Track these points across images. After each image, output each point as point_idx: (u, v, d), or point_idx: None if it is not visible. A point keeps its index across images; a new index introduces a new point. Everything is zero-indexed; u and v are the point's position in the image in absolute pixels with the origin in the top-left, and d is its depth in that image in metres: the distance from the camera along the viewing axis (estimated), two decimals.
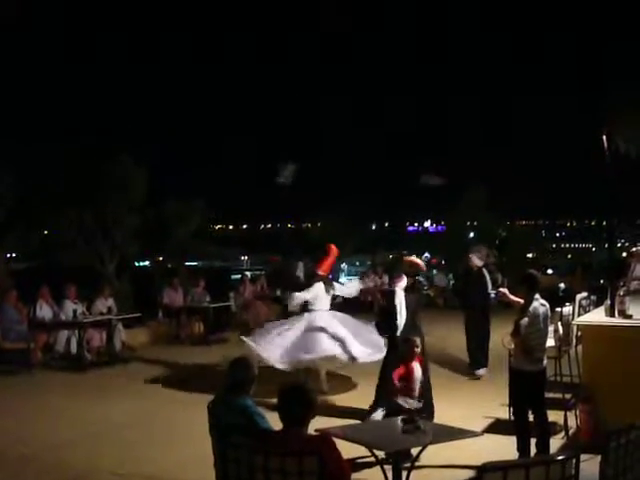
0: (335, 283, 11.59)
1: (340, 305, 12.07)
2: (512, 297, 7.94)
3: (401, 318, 8.89)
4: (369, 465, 5.62)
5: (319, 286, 11.00)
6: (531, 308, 7.18)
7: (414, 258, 10.05)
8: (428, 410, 8.35)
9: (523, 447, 7.13)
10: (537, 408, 7.28)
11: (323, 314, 10.84)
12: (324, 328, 10.51)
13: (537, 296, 7.28)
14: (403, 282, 9.19)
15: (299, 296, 11.08)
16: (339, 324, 10.75)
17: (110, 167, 18.23)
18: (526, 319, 7.15)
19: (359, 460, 6.45)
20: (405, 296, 9.02)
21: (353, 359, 10.29)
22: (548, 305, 7.41)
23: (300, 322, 10.86)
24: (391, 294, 9.10)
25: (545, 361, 7.40)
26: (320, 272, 11.16)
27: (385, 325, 9.12)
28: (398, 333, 8.81)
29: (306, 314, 10.95)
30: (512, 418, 7.64)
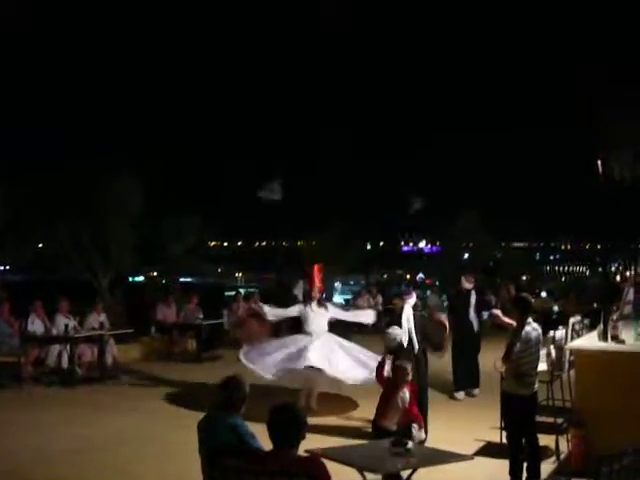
0: (344, 312, 11.62)
1: (335, 326, 12.03)
2: (505, 319, 7.93)
3: (405, 335, 8.88)
4: None
5: (299, 306, 11.05)
6: (523, 332, 7.17)
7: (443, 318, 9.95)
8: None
9: (515, 471, 7.10)
10: (528, 432, 7.26)
11: (320, 337, 10.80)
12: (316, 345, 10.50)
13: (529, 320, 7.27)
14: (413, 299, 9.25)
15: (275, 311, 11.18)
16: (334, 345, 10.73)
17: (107, 182, 18.22)
18: (518, 344, 7.14)
19: None
20: (414, 314, 9.11)
21: (338, 381, 10.29)
22: (540, 329, 7.40)
23: (293, 339, 10.86)
24: (394, 312, 9.16)
25: (537, 385, 7.39)
26: (311, 294, 11.18)
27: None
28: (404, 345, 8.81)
29: (301, 336, 10.92)
30: (504, 441, 7.62)
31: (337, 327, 12.18)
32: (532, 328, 7.24)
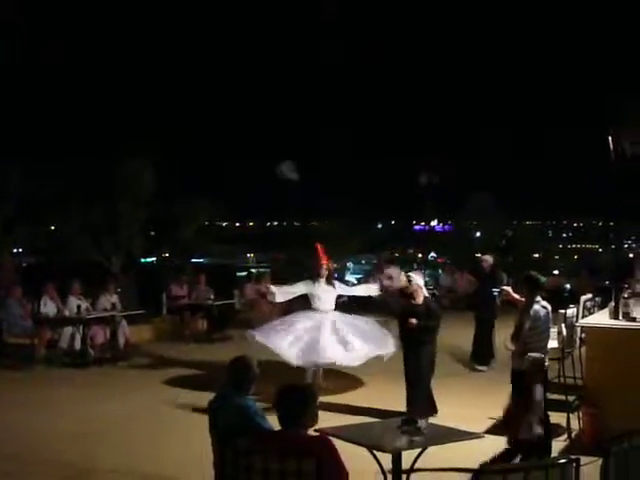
0: (349, 287, 11.60)
1: (346, 305, 12.06)
2: (515, 296, 7.91)
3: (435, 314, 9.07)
4: (368, 466, 5.59)
5: (306, 283, 11.04)
6: (532, 311, 7.14)
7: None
8: (430, 413, 8.37)
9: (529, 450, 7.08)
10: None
11: (329, 316, 10.81)
12: (332, 332, 10.51)
13: (538, 298, 7.24)
14: (420, 278, 9.31)
15: (283, 291, 11.19)
16: (345, 327, 10.73)
17: (117, 164, 18.25)
18: (527, 322, 7.11)
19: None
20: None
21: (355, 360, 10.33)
22: (550, 307, 7.37)
23: (306, 320, 10.82)
24: (406, 295, 9.20)
25: (547, 363, 7.36)
26: (318, 272, 11.17)
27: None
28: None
29: (310, 313, 10.92)
30: None
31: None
32: (541, 306, 7.21)
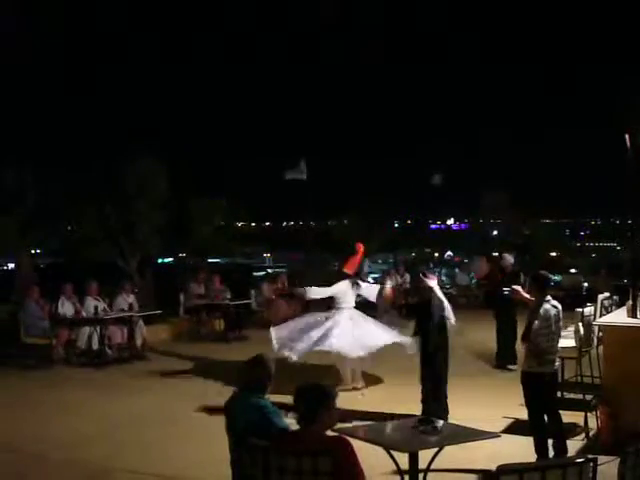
0: (361, 283, 11.57)
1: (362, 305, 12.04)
2: (525, 295, 7.80)
3: (449, 312, 8.96)
4: (386, 465, 5.59)
5: (345, 283, 11.05)
6: (542, 310, 7.09)
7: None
8: (443, 413, 8.34)
9: (540, 449, 7.06)
10: (550, 410, 7.21)
11: (348, 312, 10.87)
12: (346, 324, 10.58)
13: (548, 297, 7.19)
14: (434, 281, 9.23)
15: (317, 290, 11.18)
16: (361, 321, 10.81)
17: (133, 164, 18.33)
18: (536, 321, 7.07)
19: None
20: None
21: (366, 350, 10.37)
22: (560, 306, 7.32)
23: (324, 317, 10.91)
24: (420, 293, 9.12)
25: (557, 363, 7.31)
26: (347, 270, 11.21)
27: (423, 321, 9.03)
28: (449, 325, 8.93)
29: (333, 311, 10.99)
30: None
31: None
32: (551, 305, 7.16)
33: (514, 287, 8.20)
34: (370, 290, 11.83)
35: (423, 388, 8.96)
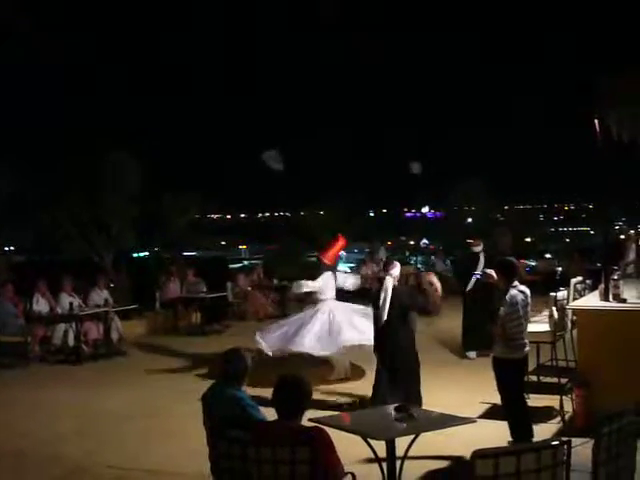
0: (338, 274, 11.53)
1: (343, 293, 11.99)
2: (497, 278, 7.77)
3: (384, 306, 8.81)
4: (363, 454, 5.62)
5: (327, 275, 11.00)
6: (508, 296, 7.09)
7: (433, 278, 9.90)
8: (417, 401, 8.38)
9: (516, 433, 7.12)
10: (516, 395, 7.24)
11: (328, 305, 10.85)
12: (324, 321, 10.56)
13: (515, 283, 7.20)
14: (396, 270, 9.12)
15: (307, 284, 11.11)
16: (340, 315, 10.76)
17: (105, 159, 18.22)
18: (503, 308, 7.07)
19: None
20: (396, 287, 8.96)
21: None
22: (528, 291, 7.33)
23: (312, 314, 10.83)
24: (380, 282, 9.03)
25: (527, 348, 7.32)
26: (327, 262, 11.14)
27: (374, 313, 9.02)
28: (382, 322, 8.76)
29: (318, 305, 10.90)
30: None
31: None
32: (518, 291, 7.17)
33: (486, 271, 8.21)
34: (345, 282, 11.83)
35: (376, 374, 8.95)
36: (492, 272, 7.93)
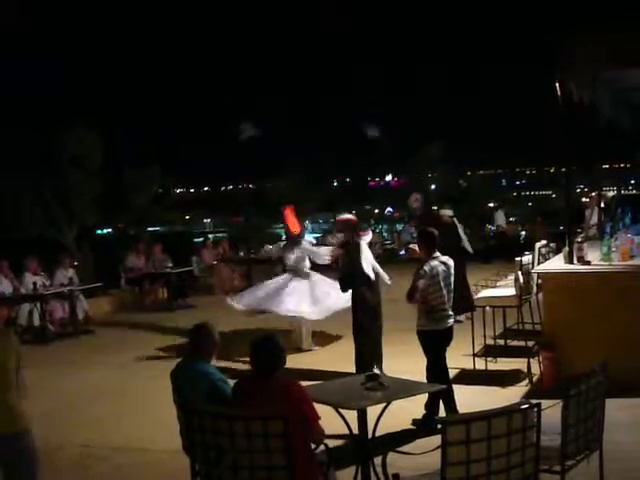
0: (310, 247, 11.53)
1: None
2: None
3: (368, 268, 8.83)
4: (334, 424, 5.63)
5: (295, 244, 11.15)
6: (427, 267, 6.97)
7: (345, 215, 9.93)
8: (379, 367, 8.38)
9: (447, 401, 7.03)
10: (439, 369, 7.17)
11: (307, 273, 11.00)
12: (304, 287, 10.71)
13: (437, 254, 7.10)
14: (368, 237, 9.22)
15: (271, 248, 11.73)
16: (321, 281, 10.91)
17: (65, 135, 17.97)
18: (422, 280, 6.96)
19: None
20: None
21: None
22: (451, 262, 7.20)
23: (288, 280, 10.95)
24: (357, 246, 8.99)
25: (451, 320, 7.21)
26: (295, 232, 11.25)
27: (349, 279, 8.99)
28: (372, 280, 8.78)
29: (291, 274, 11.02)
30: (478, 368, 7.69)
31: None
32: (439, 262, 7.06)
33: (410, 246, 8.13)
34: (319, 255, 11.85)
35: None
36: (415, 247, 7.74)
